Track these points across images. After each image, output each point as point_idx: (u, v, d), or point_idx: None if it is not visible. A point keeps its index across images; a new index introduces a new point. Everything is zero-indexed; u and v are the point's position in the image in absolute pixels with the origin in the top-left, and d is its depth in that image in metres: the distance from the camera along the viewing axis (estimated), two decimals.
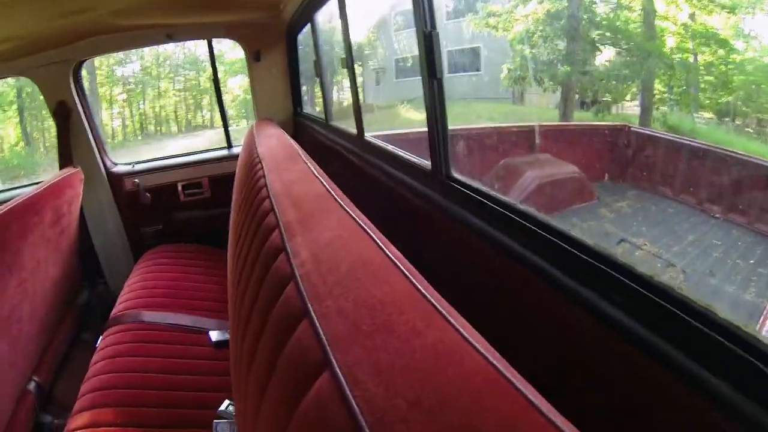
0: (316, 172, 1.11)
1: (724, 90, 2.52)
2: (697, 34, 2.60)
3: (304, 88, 2.91)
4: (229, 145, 2.82)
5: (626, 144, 3.19)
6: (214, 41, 2.73)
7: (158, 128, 10.57)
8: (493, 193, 0.97)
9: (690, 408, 0.56)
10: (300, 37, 2.61)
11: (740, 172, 2.33)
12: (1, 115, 9.58)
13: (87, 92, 2.53)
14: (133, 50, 9.86)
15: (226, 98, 10.20)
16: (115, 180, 2.63)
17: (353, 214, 0.78)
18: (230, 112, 10.00)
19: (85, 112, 2.50)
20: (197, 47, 10.36)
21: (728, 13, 2.47)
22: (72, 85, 2.44)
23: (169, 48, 10.44)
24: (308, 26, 2.34)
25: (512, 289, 0.87)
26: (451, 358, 0.41)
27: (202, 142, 9.58)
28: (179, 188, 2.68)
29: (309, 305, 0.58)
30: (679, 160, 2.77)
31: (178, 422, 1.33)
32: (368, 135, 1.74)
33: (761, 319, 1.51)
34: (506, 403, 0.36)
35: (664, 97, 3.00)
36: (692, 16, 2.64)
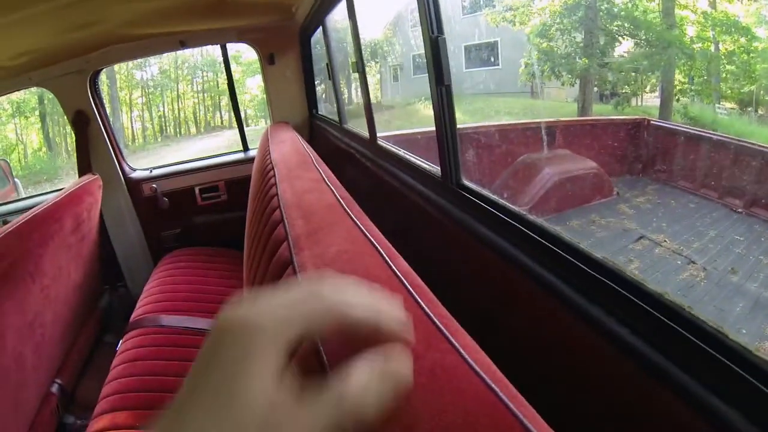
0: (328, 181, 1.11)
1: (746, 79, 2.47)
2: (718, 23, 2.55)
3: (319, 89, 2.92)
4: (245, 148, 2.84)
5: (645, 138, 3.14)
6: (230, 45, 2.74)
7: (177, 130, 10.73)
8: (502, 202, 0.95)
9: None
10: (314, 38, 2.61)
11: (762, 164, 2.28)
12: (24, 121, 9.82)
13: (106, 98, 2.59)
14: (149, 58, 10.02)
15: (245, 98, 10.34)
16: (134, 186, 2.67)
17: (362, 227, 0.78)
18: (249, 111, 10.12)
19: (102, 121, 2.53)
20: (215, 49, 10.48)
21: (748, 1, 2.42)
22: (89, 94, 2.47)
23: (186, 51, 10.59)
24: (321, 28, 2.34)
25: (519, 301, 0.86)
26: (448, 384, 0.40)
27: (222, 142, 9.71)
28: (197, 192, 2.71)
29: None
30: (700, 154, 2.72)
31: None
32: (380, 139, 1.72)
33: None
34: (502, 431, 0.35)
35: (685, 88, 2.95)
36: (713, 4, 2.60)
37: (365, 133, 1.82)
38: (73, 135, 2.50)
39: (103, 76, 2.58)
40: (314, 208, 0.95)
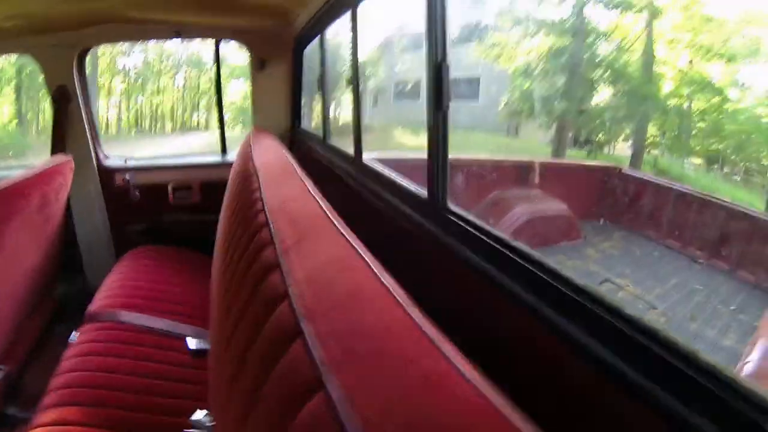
0: (312, 191, 1.11)
1: (715, 137, 2.56)
2: (694, 81, 2.65)
3: (303, 102, 2.92)
4: (224, 151, 2.81)
5: (615, 185, 3.23)
6: (222, 44, 2.73)
7: (153, 125, 10.52)
8: (488, 228, 0.97)
9: None
10: (306, 51, 2.63)
11: (725, 219, 2.37)
12: None
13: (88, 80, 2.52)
14: (138, 43, 9.87)
15: (226, 101, 10.25)
16: (106, 173, 2.61)
17: (349, 238, 0.78)
18: (227, 116, 10.02)
19: (84, 101, 2.48)
20: (201, 48, 10.41)
21: (727, 61, 2.53)
22: (75, 71, 2.42)
23: (173, 46, 10.47)
24: (316, 40, 2.35)
25: (502, 325, 0.88)
26: (443, 388, 0.41)
27: (196, 143, 9.56)
28: (169, 189, 2.65)
29: (302, 325, 0.57)
30: (666, 205, 2.81)
31: (148, 427, 1.29)
32: (366, 158, 1.73)
33: (738, 364, 1.54)
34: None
35: (656, 141, 3.05)
36: (690, 63, 2.70)
37: (350, 151, 1.82)
38: (51, 112, 2.43)
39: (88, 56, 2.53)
40: (300, 215, 0.95)
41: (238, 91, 9.25)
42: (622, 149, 3.55)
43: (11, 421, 1.80)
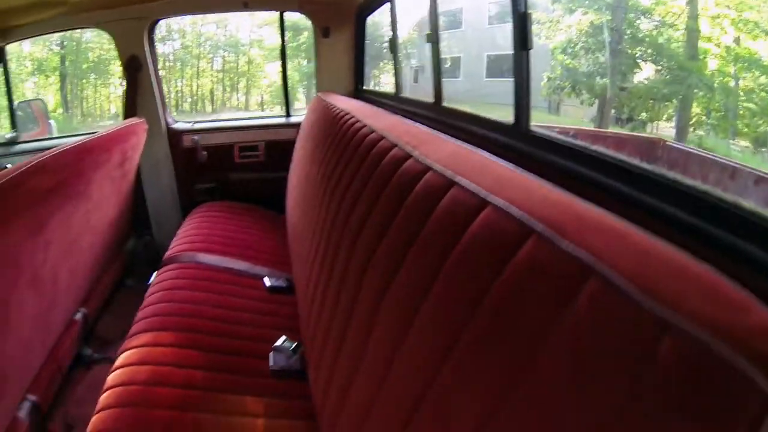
0: (407, 121, 1.23)
1: (763, 118, 2.50)
2: (740, 58, 2.60)
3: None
4: (288, 114, 2.91)
5: (659, 156, 3.23)
6: (251, 26, 2.83)
7: (193, 107, 10.76)
8: (569, 139, 1.08)
9: None
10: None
11: None
12: (44, 80, 9.85)
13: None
14: (175, 28, 10.10)
15: (263, 83, 10.44)
16: (174, 136, 2.73)
17: (459, 143, 0.90)
18: (266, 97, 10.20)
19: (154, 69, 2.62)
20: (239, 30, 10.57)
21: None
22: (145, 42, 2.56)
23: (210, 29, 10.66)
24: (381, 7, 2.44)
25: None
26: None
27: None
28: (235, 150, 2.77)
29: (456, 179, 0.73)
30: (710, 177, 2.79)
31: (235, 351, 1.40)
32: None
33: None
34: None
35: (701, 120, 3.00)
36: (737, 40, 2.64)
37: (428, 99, 1.92)
38: (123, 80, 2.59)
39: None
40: (408, 132, 1.07)
41: (278, 72, 9.40)
42: (665, 129, 3.51)
43: (86, 361, 1.96)
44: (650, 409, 0.38)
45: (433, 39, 1.86)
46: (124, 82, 2.59)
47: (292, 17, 2.80)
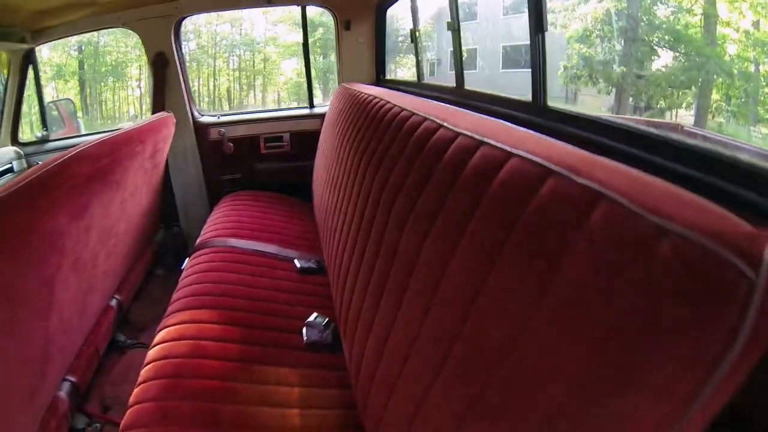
0: (431, 101, 1.29)
1: None
2: (759, 43, 2.56)
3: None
4: (311, 105, 2.97)
5: None
6: (265, 24, 2.89)
7: (210, 106, 10.87)
8: (582, 113, 1.16)
9: None
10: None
11: None
12: (63, 85, 10.03)
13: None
14: (190, 29, 10.20)
15: (279, 80, 10.52)
16: (201, 129, 2.81)
17: (488, 117, 0.96)
18: (282, 94, 10.29)
19: (180, 64, 2.70)
20: (254, 28, 10.66)
21: None
22: (172, 39, 2.63)
23: (226, 28, 10.76)
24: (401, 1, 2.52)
25: None
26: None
27: None
28: (261, 141, 2.84)
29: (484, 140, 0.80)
30: None
31: (270, 326, 1.46)
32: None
33: None
34: None
35: (721, 107, 2.97)
36: (756, 24, 2.60)
37: (449, 84, 1.99)
38: (150, 76, 2.68)
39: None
40: (435, 108, 1.13)
41: (294, 69, 9.46)
42: (684, 116, 3.49)
43: (120, 346, 2.04)
44: (652, 294, 0.45)
45: (454, 26, 1.92)
46: (151, 78, 2.67)
47: (308, 13, 2.85)
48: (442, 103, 1.29)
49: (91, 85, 10.16)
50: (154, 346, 1.35)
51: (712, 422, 0.46)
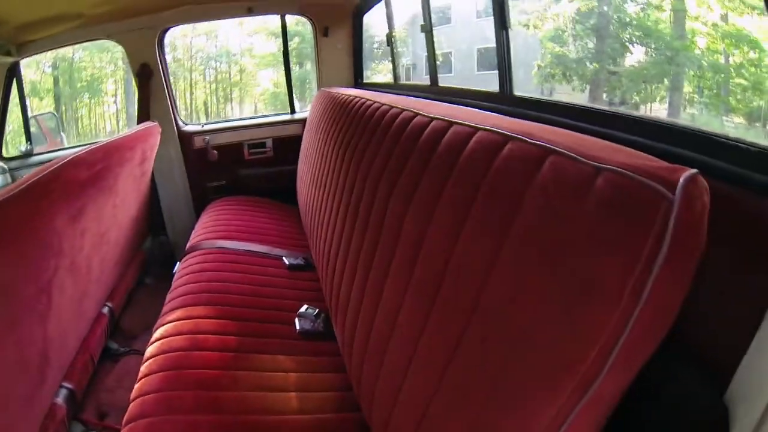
0: (407, 97, 1.37)
1: (755, 93, 2.54)
2: (728, 35, 2.64)
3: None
4: (292, 110, 3.03)
5: None
6: (241, 35, 2.93)
7: (188, 119, 10.76)
8: (545, 98, 1.33)
9: None
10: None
11: None
12: (38, 103, 9.89)
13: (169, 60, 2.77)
14: (166, 42, 10.15)
15: (255, 91, 10.50)
16: (186, 137, 2.84)
17: (458, 106, 1.04)
18: (260, 105, 10.27)
19: (164, 75, 2.74)
20: (228, 39, 10.63)
21: (759, 14, 2.51)
22: (156, 50, 2.67)
23: (201, 41, 10.71)
24: (377, 6, 2.61)
25: None
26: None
27: None
28: (244, 147, 2.88)
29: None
30: None
31: (264, 318, 1.52)
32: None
33: None
34: None
35: (693, 98, 3.05)
36: (724, 17, 2.68)
37: (424, 82, 2.08)
38: (136, 87, 2.70)
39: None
40: (410, 102, 1.22)
41: (271, 79, 9.47)
42: (658, 110, 3.57)
43: (113, 354, 2.04)
44: (593, 215, 0.56)
45: (427, 29, 2.01)
46: (136, 90, 2.68)
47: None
48: (418, 98, 1.39)
49: (66, 102, 10.03)
50: (153, 342, 1.38)
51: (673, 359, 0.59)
